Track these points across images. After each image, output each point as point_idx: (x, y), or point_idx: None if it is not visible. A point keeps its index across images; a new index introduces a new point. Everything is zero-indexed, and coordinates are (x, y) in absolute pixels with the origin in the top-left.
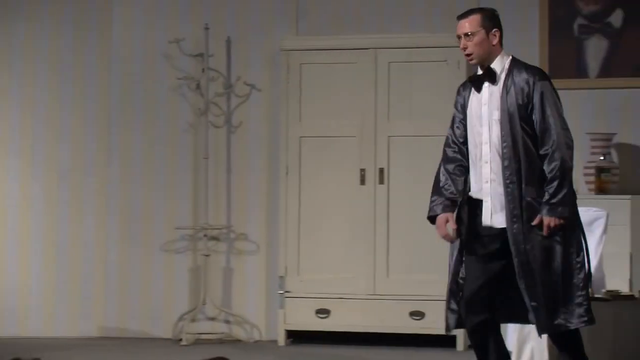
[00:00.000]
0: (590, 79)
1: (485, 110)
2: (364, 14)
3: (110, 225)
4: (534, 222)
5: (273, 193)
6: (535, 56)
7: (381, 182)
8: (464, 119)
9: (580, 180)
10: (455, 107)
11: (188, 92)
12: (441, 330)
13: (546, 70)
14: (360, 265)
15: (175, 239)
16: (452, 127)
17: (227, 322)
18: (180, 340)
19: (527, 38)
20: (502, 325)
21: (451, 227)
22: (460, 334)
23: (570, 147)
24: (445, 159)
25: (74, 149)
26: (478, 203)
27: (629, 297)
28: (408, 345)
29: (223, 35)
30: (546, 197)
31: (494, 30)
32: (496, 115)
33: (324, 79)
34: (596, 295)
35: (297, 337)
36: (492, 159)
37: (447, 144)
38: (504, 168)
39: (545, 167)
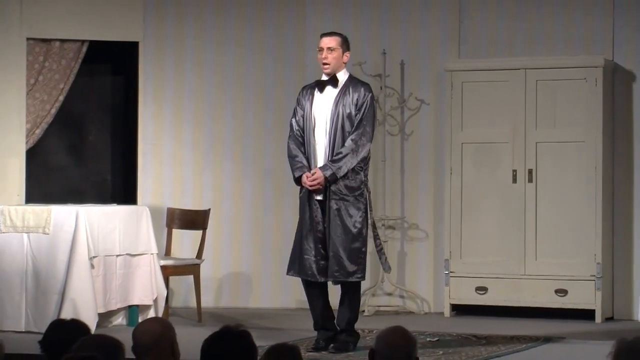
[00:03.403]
0: None
1: (324, 107)
2: (515, 40)
3: None
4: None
5: (439, 190)
6: None
7: (530, 180)
8: (304, 114)
9: None
10: (298, 104)
11: None
12: (583, 305)
13: None
14: (513, 250)
15: None
16: (294, 119)
17: (402, 297)
18: (364, 311)
19: None
20: None
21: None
22: (598, 308)
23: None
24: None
25: (275, 152)
26: None
27: None
28: (553, 318)
29: (398, 59)
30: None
31: (347, 52)
32: (331, 111)
33: (481, 94)
34: None
35: (459, 310)
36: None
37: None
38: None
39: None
